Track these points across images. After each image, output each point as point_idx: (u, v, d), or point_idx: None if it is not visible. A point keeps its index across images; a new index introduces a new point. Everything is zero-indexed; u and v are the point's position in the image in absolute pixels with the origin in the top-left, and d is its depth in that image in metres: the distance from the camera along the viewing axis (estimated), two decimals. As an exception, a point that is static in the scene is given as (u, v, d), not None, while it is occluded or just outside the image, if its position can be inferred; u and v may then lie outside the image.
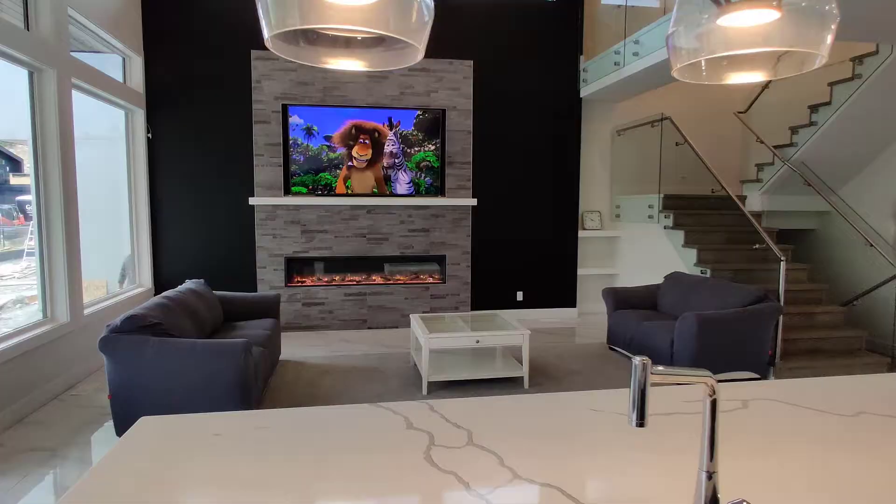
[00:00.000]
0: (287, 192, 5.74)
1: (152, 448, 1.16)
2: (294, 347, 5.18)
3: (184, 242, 5.74)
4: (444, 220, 6.11)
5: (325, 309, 5.94)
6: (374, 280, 6.13)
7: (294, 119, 5.64)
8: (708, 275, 5.16)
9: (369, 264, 6.15)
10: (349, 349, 5.14)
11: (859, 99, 4.90)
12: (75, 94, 4.28)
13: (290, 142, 5.66)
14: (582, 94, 6.32)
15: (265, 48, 5.58)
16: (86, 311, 4.34)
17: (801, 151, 5.53)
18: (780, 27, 0.85)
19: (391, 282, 6.14)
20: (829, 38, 0.85)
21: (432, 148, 5.95)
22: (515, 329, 4.09)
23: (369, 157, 5.80)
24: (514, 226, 6.38)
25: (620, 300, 4.99)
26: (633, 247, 6.53)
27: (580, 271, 6.64)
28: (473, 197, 6.17)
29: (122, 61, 5.32)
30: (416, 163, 5.92)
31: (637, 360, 0.70)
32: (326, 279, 6.05)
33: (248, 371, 3.04)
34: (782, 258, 4.61)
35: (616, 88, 5.85)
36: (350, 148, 5.76)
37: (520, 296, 6.48)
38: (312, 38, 0.87)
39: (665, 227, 5.86)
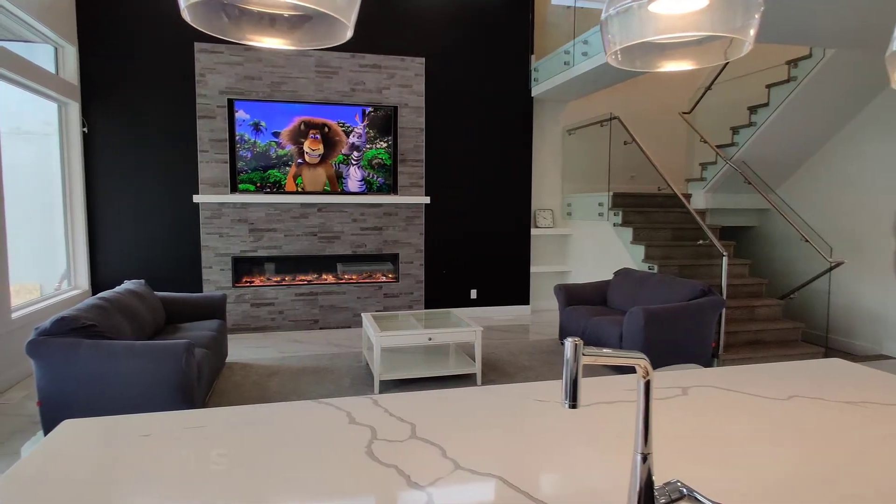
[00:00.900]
0: (234, 189, 5.57)
1: (75, 451, 1.09)
2: (242, 349, 5.03)
3: (124, 242, 5.49)
4: (396, 218, 6.07)
5: (275, 309, 5.81)
6: (326, 279, 6.03)
7: (240, 114, 5.48)
8: (655, 270, 5.31)
9: (321, 263, 6.04)
10: (300, 350, 5.03)
11: (795, 100, 5.13)
12: (0, 84, 4.04)
13: (237, 138, 5.50)
14: (533, 94, 6.39)
15: (209, 40, 5.40)
16: (15, 315, 4.10)
17: (742, 151, 5.75)
18: (709, 13, 0.88)
19: (343, 281, 6.05)
20: (755, 25, 0.88)
21: (384, 145, 5.89)
22: (468, 326, 4.09)
23: (321, 151, 5.69)
24: (468, 224, 6.39)
25: (572, 296, 5.07)
26: (584, 244, 6.65)
27: (533, 269, 6.71)
28: (426, 195, 6.15)
29: (53, 51, 5.05)
30: (368, 160, 5.86)
31: (569, 341, 0.69)
32: (276, 279, 5.91)
33: (190, 373, 2.93)
34: (725, 254, 4.78)
35: (566, 88, 5.94)
36: (300, 144, 5.64)
37: (473, 293, 6.49)
38: (234, 14, 0.83)
39: (614, 225, 5.99)
